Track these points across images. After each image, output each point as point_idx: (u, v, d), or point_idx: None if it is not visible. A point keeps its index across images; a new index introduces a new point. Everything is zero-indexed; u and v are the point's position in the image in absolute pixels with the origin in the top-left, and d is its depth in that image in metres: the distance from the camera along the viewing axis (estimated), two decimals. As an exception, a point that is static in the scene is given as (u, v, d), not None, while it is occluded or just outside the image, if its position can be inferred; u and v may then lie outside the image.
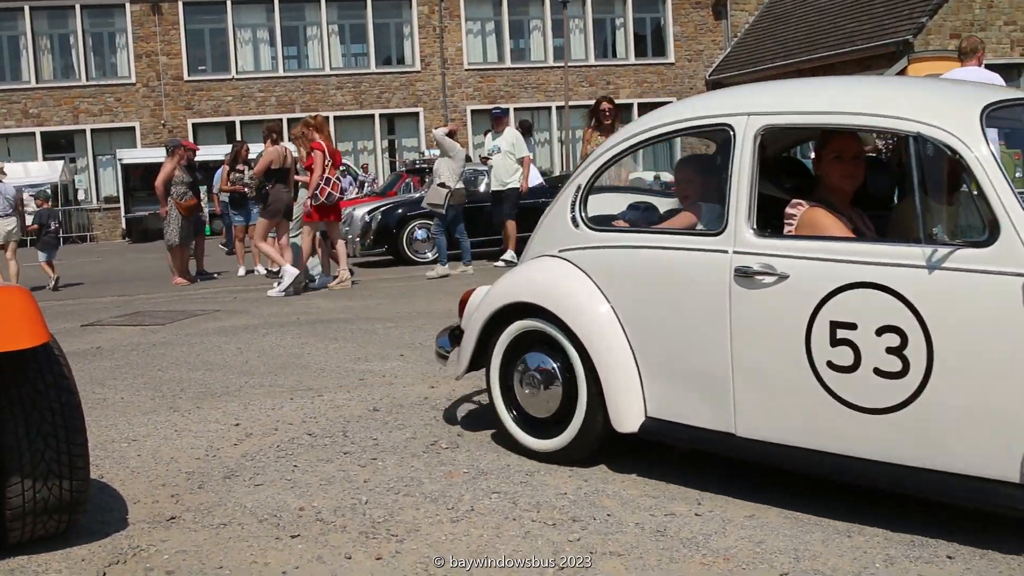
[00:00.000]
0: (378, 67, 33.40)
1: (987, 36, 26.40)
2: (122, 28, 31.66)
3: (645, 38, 35.70)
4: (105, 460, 5.15)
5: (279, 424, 5.77)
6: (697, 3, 35.63)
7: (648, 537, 3.86)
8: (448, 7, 33.47)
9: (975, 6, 26.46)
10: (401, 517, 4.18)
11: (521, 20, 34.68)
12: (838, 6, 31.08)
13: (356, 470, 4.84)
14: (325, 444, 5.31)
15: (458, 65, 33.66)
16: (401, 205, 16.43)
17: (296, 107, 32.29)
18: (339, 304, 11.15)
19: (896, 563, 3.52)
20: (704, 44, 35.74)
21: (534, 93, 34.23)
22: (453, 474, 4.72)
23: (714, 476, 4.51)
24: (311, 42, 33.24)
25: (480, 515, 4.17)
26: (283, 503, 4.40)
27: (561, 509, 4.20)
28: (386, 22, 33.60)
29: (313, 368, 7.37)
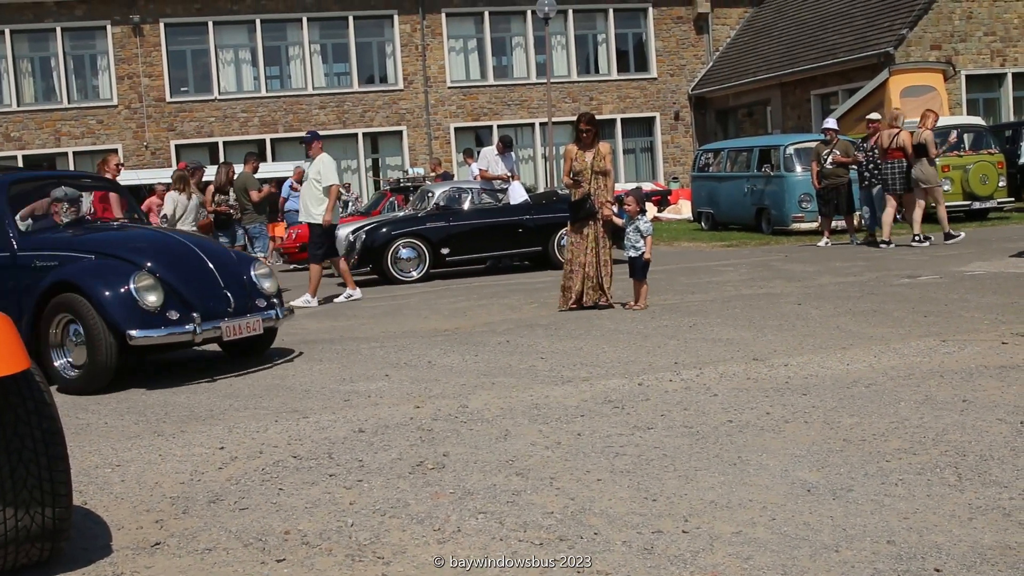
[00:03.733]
0: (361, 86, 33.40)
1: (967, 47, 26.62)
2: (103, 50, 31.60)
3: (627, 54, 35.81)
4: (88, 486, 5.11)
5: (264, 447, 5.73)
6: (679, 18, 35.77)
7: (635, 555, 3.85)
8: (430, 25, 33.53)
9: (955, 17, 26.64)
10: (387, 539, 4.15)
11: (503, 37, 34.76)
12: (819, 19, 31.25)
13: (342, 492, 4.82)
14: (310, 466, 5.28)
15: (441, 83, 33.69)
16: (385, 224, 16.43)
17: (279, 127, 32.28)
18: (324, 324, 11.12)
19: (884, 577, 3.52)
20: (686, 59, 35.88)
21: (517, 110, 34.29)
22: (439, 495, 4.70)
23: (701, 493, 4.50)
24: (293, 62, 33.23)
25: (467, 536, 4.15)
26: (268, 527, 4.37)
27: (548, 528, 4.18)
28: (368, 41, 33.62)
29: (298, 390, 7.34)
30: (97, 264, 7.96)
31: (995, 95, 27.56)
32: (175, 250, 8.38)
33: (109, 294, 7.60)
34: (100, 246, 8.22)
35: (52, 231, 8.69)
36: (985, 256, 13.45)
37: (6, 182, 8.56)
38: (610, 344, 8.45)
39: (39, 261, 8.10)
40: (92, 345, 7.58)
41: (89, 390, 7.64)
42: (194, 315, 7.81)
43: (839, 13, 30.27)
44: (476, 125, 33.96)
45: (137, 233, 8.90)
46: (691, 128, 35.68)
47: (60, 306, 7.76)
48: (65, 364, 7.87)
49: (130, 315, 7.60)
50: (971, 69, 26.97)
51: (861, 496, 4.34)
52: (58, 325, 7.83)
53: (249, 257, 9.16)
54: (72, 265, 7.94)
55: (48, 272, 7.94)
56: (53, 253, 8.13)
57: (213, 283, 8.20)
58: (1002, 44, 27.11)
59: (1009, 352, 7.08)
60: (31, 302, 7.86)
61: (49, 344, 7.86)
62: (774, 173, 19.97)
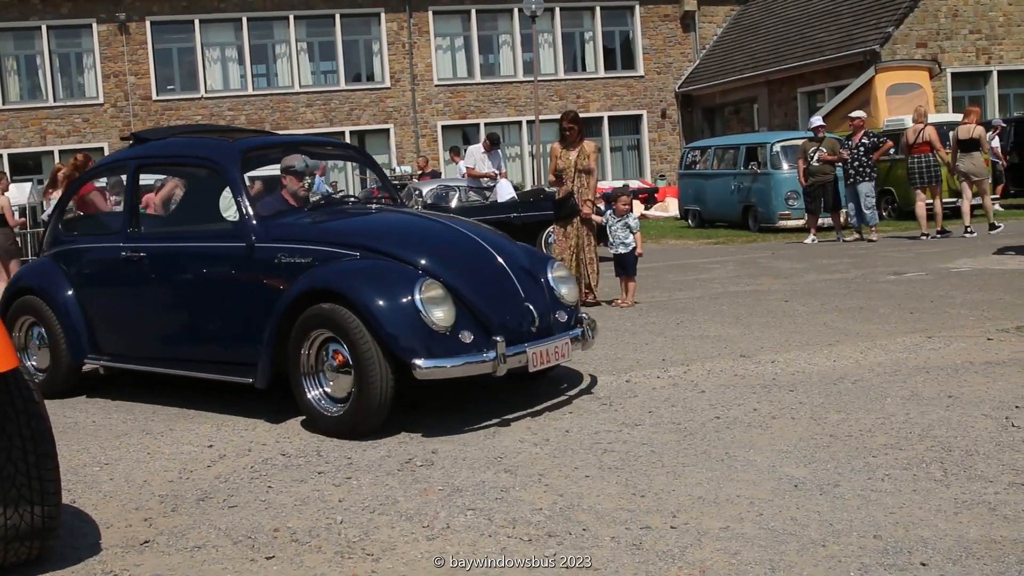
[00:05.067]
0: (348, 84, 33.37)
1: (952, 45, 26.71)
2: (89, 48, 31.51)
3: (614, 51, 35.84)
4: (77, 484, 5.11)
5: (253, 445, 5.74)
6: (665, 16, 35.81)
7: (624, 551, 3.86)
8: (417, 23, 33.51)
9: (940, 15, 26.72)
10: (377, 536, 4.17)
11: (490, 35, 34.76)
12: (806, 17, 31.32)
13: (331, 490, 4.83)
14: (299, 464, 5.29)
15: (428, 81, 33.68)
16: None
17: (266, 125, 32.21)
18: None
19: (870, 571, 3.54)
20: (673, 56, 35.92)
21: (504, 108, 34.30)
22: (428, 491, 4.71)
23: (689, 489, 4.52)
24: (280, 60, 33.18)
25: (456, 532, 4.16)
26: (258, 524, 4.38)
27: (537, 525, 4.19)
28: (355, 39, 33.58)
29: (286, 387, 7.33)
30: (367, 266, 5.93)
31: (980, 93, 27.66)
32: (461, 245, 6.30)
33: (388, 308, 5.61)
34: (366, 238, 6.20)
35: (296, 216, 6.85)
36: (970, 252, 13.50)
37: (239, 149, 6.83)
38: (597, 341, 8.46)
39: (285, 256, 6.19)
40: (362, 375, 5.59)
41: (356, 432, 5.72)
42: (496, 339, 5.71)
43: (825, 11, 30.35)
44: (463, 123, 33.96)
45: (403, 220, 6.75)
46: (678, 126, 35.73)
47: (316, 320, 5.80)
48: (320, 396, 5.94)
49: (415, 337, 5.60)
50: (957, 67, 27.06)
51: (848, 491, 4.36)
52: (311, 344, 5.91)
53: (540, 254, 7.07)
54: (333, 265, 5.98)
55: (299, 273, 6.05)
56: (304, 247, 6.19)
57: (512, 291, 6.10)
58: (987, 42, 27.21)
59: (994, 348, 7.12)
60: (277, 312, 6.03)
61: (300, 369, 5.94)
62: (761, 171, 20.03)
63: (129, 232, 7.10)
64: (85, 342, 7.27)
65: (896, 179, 19.93)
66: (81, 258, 7.48)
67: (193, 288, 6.69)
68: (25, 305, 7.53)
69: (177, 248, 6.94)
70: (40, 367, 7.56)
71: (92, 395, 7.51)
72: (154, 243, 7.07)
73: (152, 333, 6.99)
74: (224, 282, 6.48)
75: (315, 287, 5.86)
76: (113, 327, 7.22)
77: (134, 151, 7.56)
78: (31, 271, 8.07)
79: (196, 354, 6.68)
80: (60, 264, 7.52)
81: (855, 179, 16.79)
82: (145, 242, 7.04)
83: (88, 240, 7.73)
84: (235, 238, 6.43)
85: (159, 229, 7.90)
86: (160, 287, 6.89)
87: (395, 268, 5.89)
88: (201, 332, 6.66)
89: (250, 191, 6.70)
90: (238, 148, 6.81)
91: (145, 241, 7.05)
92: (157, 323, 6.95)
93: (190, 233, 7.20)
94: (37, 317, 7.46)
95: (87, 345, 7.28)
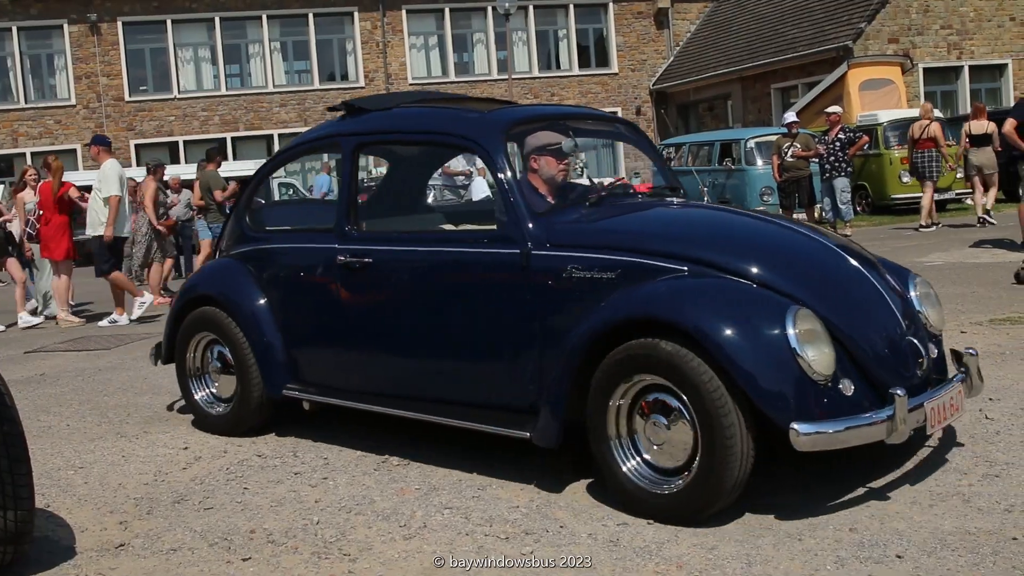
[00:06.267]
0: (322, 84, 33.26)
1: (924, 40, 26.86)
2: (60, 49, 31.28)
3: (588, 49, 35.87)
4: (51, 489, 5.07)
5: (228, 446, 5.71)
6: (639, 13, 35.87)
7: (601, 547, 3.87)
8: (391, 22, 33.46)
9: (912, 11, 26.87)
10: (353, 536, 4.16)
11: (464, 34, 34.73)
12: (778, 13, 31.43)
13: (307, 490, 4.81)
14: (275, 465, 5.27)
15: (402, 80, 33.61)
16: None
17: (240, 125, 32.09)
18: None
19: (847, 564, 3.56)
20: (647, 54, 35.98)
21: (479, 106, 34.25)
22: (405, 491, 4.71)
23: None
24: (253, 60, 33.05)
25: (433, 531, 4.16)
26: (234, 526, 4.36)
27: (514, 523, 4.19)
28: (329, 38, 33.48)
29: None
30: (707, 286, 4.23)
31: (952, 88, 27.83)
32: (818, 256, 4.59)
33: (752, 349, 3.95)
34: (693, 246, 4.45)
35: (581, 212, 4.96)
36: (943, 247, 13.59)
37: (504, 123, 5.15)
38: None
39: (578, 268, 4.51)
40: (714, 443, 3.92)
41: (697, 521, 4.06)
42: (896, 391, 3.98)
43: (798, 7, 30.47)
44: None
45: (732, 221, 5.01)
46: (652, 123, 35.80)
47: (638, 361, 4.14)
48: (638, 466, 4.26)
49: (792, 391, 3.94)
50: (928, 62, 27.22)
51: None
52: (627, 392, 4.24)
53: (895, 265, 5.08)
54: (652, 284, 4.29)
55: (600, 292, 4.41)
56: (604, 256, 4.48)
57: (891, 321, 4.43)
58: (959, 37, 27.38)
59: (968, 341, 7.16)
60: (574, 346, 4.35)
61: (608, 429, 4.29)
62: (735, 167, 20.09)
63: (347, 231, 5.43)
64: (284, 368, 5.73)
65: (870, 174, 20.05)
66: (278, 261, 5.87)
67: (440, 307, 5.01)
68: (203, 319, 6.04)
69: (417, 254, 5.19)
70: (222, 396, 6.07)
71: (65, 398, 7.45)
72: (383, 246, 5.33)
73: (380, 363, 5.34)
74: (486, 300, 4.83)
75: (633, 315, 4.20)
76: (324, 352, 5.63)
77: (350, 125, 5.74)
78: (209, 276, 6.36)
79: (444, 393, 5.05)
80: (249, 268, 5.95)
81: (831, 174, 16.88)
82: (370, 244, 5.35)
83: (288, 239, 6.02)
84: (502, 242, 4.76)
85: (388, 228, 5.95)
86: (394, 304, 5.24)
87: (749, 291, 4.22)
88: (452, 365, 5.03)
89: (520, 179, 4.99)
90: (502, 122, 5.15)
91: (369, 243, 5.36)
92: (388, 351, 5.28)
93: (434, 235, 5.53)
94: (219, 334, 5.95)
95: (286, 372, 5.73)
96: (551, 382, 4.46)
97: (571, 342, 4.37)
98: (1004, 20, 27.75)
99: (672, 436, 4.13)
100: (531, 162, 5.21)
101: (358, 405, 5.40)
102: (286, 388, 5.69)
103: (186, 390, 6.25)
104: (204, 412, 6.12)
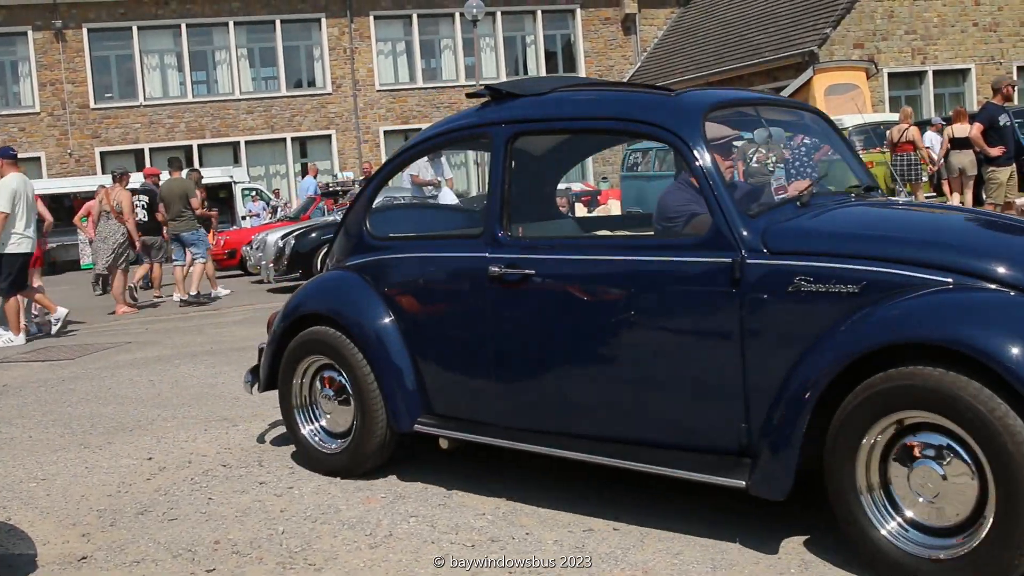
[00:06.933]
0: (289, 90, 33.16)
1: (888, 45, 27.08)
2: (24, 56, 31.02)
3: (556, 55, 35.96)
4: (13, 501, 5.02)
5: (193, 457, 5.67)
6: (606, 19, 35.99)
7: (567, 554, 3.87)
8: (358, 28, 33.39)
9: (876, 16, 27.09)
10: (319, 546, 4.14)
11: (432, 40, 34.72)
12: (745, 19, 31.61)
13: (272, 500, 4.79)
14: (240, 475, 5.24)
15: (370, 86, 33.56)
16: (315, 229, 16.30)
17: (206, 133, 31.93)
18: (254, 331, 11.00)
19: (811, 567, 3.58)
20: (614, 59, 36.10)
21: (447, 112, 34.21)
22: (371, 499, 4.69)
23: (631, 491, 4.53)
24: (220, 66, 32.90)
25: (398, 540, 4.15)
26: (198, 537, 4.33)
27: (480, 530, 4.19)
28: (296, 45, 33.39)
29: (228, 397, 7.26)
30: (992, 301, 3.49)
31: (916, 92, 28.08)
32: None
33: None
34: (954, 253, 3.69)
35: (788, 212, 4.15)
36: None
37: (703, 105, 4.35)
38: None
39: (810, 280, 3.72)
40: (1015, 492, 3.18)
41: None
42: None
43: (764, 13, 30.65)
44: (406, 128, 33.86)
45: (981, 221, 4.36)
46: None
47: (896, 393, 3.43)
48: (898, 529, 3.50)
49: None
50: (893, 67, 27.45)
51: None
52: (884, 431, 3.50)
53: None
54: (915, 299, 3.53)
55: (839, 310, 3.63)
56: (842, 265, 3.70)
57: None
58: (923, 42, 27.63)
59: None
60: (814, 378, 3.58)
61: (856, 480, 3.55)
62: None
63: (500, 237, 4.61)
64: (415, 398, 4.87)
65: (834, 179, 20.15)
66: (409, 273, 5.01)
67: (623, 327, 4.21)
68: (314, 340, 5.16)
69: (592, 264, 4.35)
70: (335, 431, 5.18)
71: (28, 409, 7.38)
72: (548, 254, 4.49)
73: (544, 395, 4.48)
74: (684, 319, 4.05)
75: (901, 338, 3.44)
76: (469, 379, 4.74)
77: (500, 112, 4.85)
78: (321, 291, 5.43)
79: (627, 432, 4.20)
80: (369, 281, 5.10)
81: (796, 179, 17.00)
82: (531, 252, 4.52)
83: (421, 247, 5.10)
84: (707, 249, 3.98)
85: (553, 233, 5.32)
86: (562, 323, 4.37)
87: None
88: (638, 398, 4.18)
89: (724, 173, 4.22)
90: (700, 105, 4.35)
91: (530, 251, 4.53)
92: (554, 380, 4.43)
93: (614, 242, 4.74)
94: (334, 357, 5.08)
95: (417, 402, 4.87)
96: (778, 420, 3.67)
97: (807, 372, 3.60)
98: (967, 26, 28.03)
99: (947, 487, 3.36)
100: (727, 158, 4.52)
101: (516, 445, 4.48)
102: (418, 422, 4.81)
103: (291, 423, 5.30)
104: (314, 450, 5.20)
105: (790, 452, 3.59)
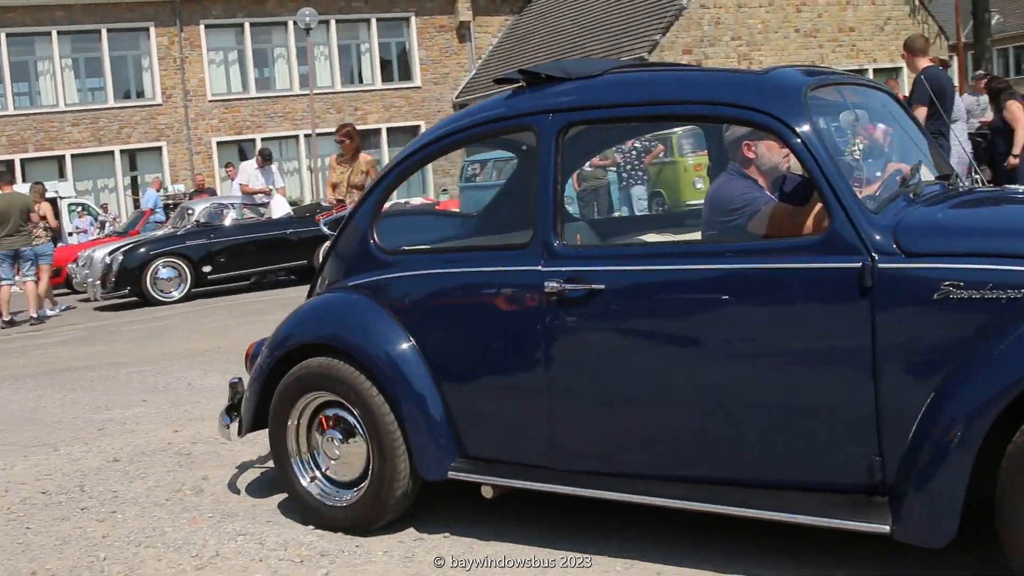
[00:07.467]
0: (117, 101, 32.16)
1: (715, 51, 27.87)
2: None
3: (391, 63, 35.83)
4: None
5: (10, 485, 5.44)
6: (441, 27, 36.05)
7: (397, 564, 3.86)
8: (189, 37, 32.64)
9: (704, 23, 27.87)
10: (142, 571, 4.03)
11: (265, 49, 34.17)
12: (578, 27, 32.11)
13: (94, 526, 4.63)
14: (60, 501, 5.05)
15: (201, 96, 32.83)
16: (144, 244, 15.87)
17: (29, 146, 30.74)
18: (79, 351, 10.66)
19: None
20: (449, 67, 36.18)
21: (281, 122, 33.79)
22: (197, 520, 4.59)
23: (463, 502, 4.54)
24: (43, 77, 31.72)
25: (225, 559, 4.07)
26: (14, 569, 4.16)
27: (309, 545, 4.14)
28: (123, 55, 32.42)
29: (49, 422, 7.00)
30: None
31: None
32: None
33: None
34: None
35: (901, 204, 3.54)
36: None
37: (803, 83, 3.64)
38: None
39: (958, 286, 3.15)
40: None
41: None
42: None
43: (596, 20, 31.19)
44: (239, 139, 33.24)
45: None
46: (458, 136, 35.94)
47: None
48: None
49: None
50: (720, 72, 28.28)
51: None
52: None
53: None
54: None
55: (999, 319, 3.09)
56: (999, 267, 3.13)
57: None
58: (748, 48, 28.54)
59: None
60: (981, 397, 3.05)
61: None
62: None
63: (555, 247, 3.86)
64: (446, 440, 4.09)
65: (665, 181, 20.65)
66: (433, 293, 4.23)
67: (720, 347, 3.55)
68: (315, 375, 4.32)
69: (678, 275, 3.67)
70: (343, 479, 4.37)
71: None
72: (617, 265, 3.79)
73: (619, 432, 3.77)
74: (799, 336, 3.42)
75: None
76: (519, 417, 3.98)
77: (545, 99, 4.07)
78: (321, 316, 4.59)
79: (728, 471, 3.57)
80: (381, 303, 4.29)
81: (628, 182, 17.32)
82: (594, 264, 3.81)
83: (447, 262, 4.28)
84: (827, 253, 3.35)
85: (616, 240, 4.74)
86: (639, 347, 3.73)
87: None
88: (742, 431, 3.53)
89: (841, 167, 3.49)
90: (798, 83, 3.66)
91: (593, 261, 3.86)
92: (634, 414, 3.73)
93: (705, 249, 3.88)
94: (340, 393, 4.26)
95: (449, 445, 4.09)
96: (935, 453, 3.10)
97: (971, 395, 3.07)
98: (789, 32, 29.07)
99: None
100: (744, 149, 3.98)
101: (588, 492, 3.75)
102: (451, 468, 4.04)
103: (287, 473, 4.45)
104: (316, 505, 4.37)
105: (951, 491, 3.04)
